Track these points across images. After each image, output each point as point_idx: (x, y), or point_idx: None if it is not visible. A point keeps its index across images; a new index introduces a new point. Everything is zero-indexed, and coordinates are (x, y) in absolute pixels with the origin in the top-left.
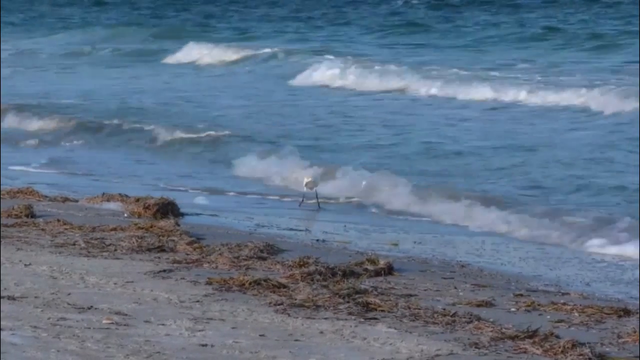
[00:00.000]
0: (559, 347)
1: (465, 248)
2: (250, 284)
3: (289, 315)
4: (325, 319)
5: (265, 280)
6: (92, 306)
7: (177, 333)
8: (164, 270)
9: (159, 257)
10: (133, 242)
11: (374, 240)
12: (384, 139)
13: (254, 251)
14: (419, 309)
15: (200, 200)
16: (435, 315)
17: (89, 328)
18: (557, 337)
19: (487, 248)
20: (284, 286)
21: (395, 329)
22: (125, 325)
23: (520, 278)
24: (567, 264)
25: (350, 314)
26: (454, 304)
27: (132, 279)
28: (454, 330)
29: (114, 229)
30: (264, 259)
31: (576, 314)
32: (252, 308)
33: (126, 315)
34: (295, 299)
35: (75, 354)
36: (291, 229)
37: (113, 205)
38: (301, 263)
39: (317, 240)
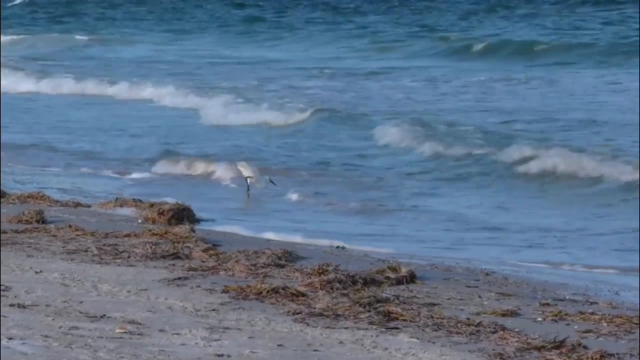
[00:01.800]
0: (587, 358)
1: None
2: (267, 292)
3: (307, 324)
4: (346, 328)
5: (283, 289)
6: (104, 315)
7: (192, 342)
8: (179, 278)
9: (174, 265)
10: (147, 249)
11: None
12: None
13: (272, 258)
14: (442, 318)
15: None
16: (459, 325)
17: (102, 337)
18: (585, 347)
19: None
20: (303, 295)
21: (418, 339)
22: (139, 334)
23: (546, 286)
24: None
25: (371, 323)
26: (478, 314)
27: (146, 286)
28: (478, 341)
29: (128, 235)
30: (282, 266)
31: (604, 324)
32: (269, 317)
33: (140, 324)
34: (314, 308)
35: None
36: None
37: (127, 211)
38: (320, 271)
39: (337, 247)
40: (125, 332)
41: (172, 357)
